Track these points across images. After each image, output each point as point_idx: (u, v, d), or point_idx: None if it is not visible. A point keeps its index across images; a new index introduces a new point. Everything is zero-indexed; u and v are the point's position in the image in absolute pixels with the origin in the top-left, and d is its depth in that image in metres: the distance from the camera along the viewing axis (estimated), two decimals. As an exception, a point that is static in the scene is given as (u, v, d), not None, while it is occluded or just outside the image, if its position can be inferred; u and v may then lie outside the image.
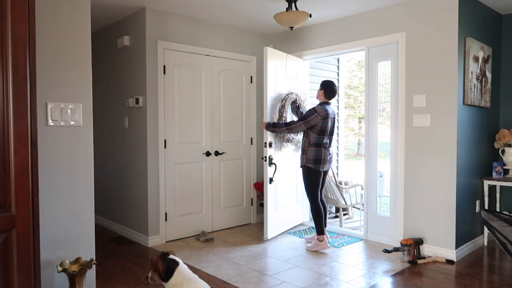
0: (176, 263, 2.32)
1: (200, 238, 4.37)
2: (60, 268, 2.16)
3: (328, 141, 4.06)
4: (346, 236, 4.50)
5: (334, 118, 4.10)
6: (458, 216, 3.70)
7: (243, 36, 4.99)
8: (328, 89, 4.06)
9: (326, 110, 3.98)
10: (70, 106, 2.26)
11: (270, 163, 4.25)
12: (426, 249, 3.82)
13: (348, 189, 5.22)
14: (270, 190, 4.30)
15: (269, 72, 4.25)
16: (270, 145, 4.25)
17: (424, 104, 3.82)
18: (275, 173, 4.32)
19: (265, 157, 4.22)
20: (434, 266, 3.57)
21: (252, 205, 5.17)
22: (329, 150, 4.08)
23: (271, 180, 4.27)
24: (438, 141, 3.74)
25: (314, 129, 3.98)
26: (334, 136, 4.41)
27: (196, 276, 2.31)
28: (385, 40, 4.11)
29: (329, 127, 4.01)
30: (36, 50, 1.52)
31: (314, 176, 4.04)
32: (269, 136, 4.23)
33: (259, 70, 5.15)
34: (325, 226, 4.27)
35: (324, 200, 4.26)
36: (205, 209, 4.68)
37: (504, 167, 4.13)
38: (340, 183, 5.34)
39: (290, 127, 4.05)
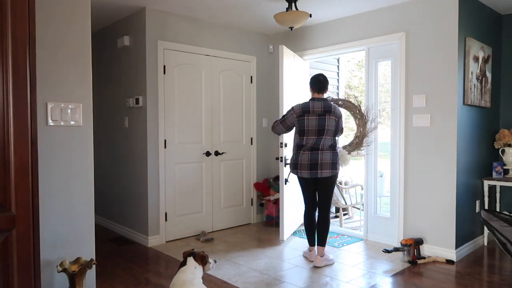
0: (183, 264, 2.35)
1: (200, 238, 4.37)
2: (60, 268, 2.16)
3: (313, 142, 3.49)
4: (346, 236, 4.50)
5: (322, 115, 3.49)
6: (458, 216, 3.70)
7: (243, 36, 4.99)
8: (312, 82, 3.63)
9: (303, 107, 3.53)
10: (70, 106, 2.26)
11: (286, 164, 4.19)
12: (426, 249, 3.82)
13: (348, 189, 5.22)
14: (286, 191, 4.26)
15: (285, 71, 4.22)
16: (286, 145, 4.22)
17: (424, 104, 3.82)
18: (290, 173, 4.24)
19: (281, 157, 4.18)
20: (434, 266, 3.57)
21: (252, 205, 5.17)
22: (309, 153, 3.49)
23: (286, 181, 4.22)
24: (438, 141, 3.74)
25: (295, 129, 3.62)
26: (336, 135, 3.68)
27: (195, 279, 2.29)
28: (385, 40, 4.11)
29: (308, 125, 3.49)
30: (36, 50, 1.52)
31: (299, 181, 3.72)
32: (285, 136, 4.15)
33: (259, 70, 5.15)
34: None
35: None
36: (205, 209, 4.68)
37: (504, 167, 4.13)
38: (340, 183, 5.34)
39: (272, 126, 3.79)
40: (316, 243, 3.67)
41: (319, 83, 3.61)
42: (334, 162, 3.55)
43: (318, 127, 3.50)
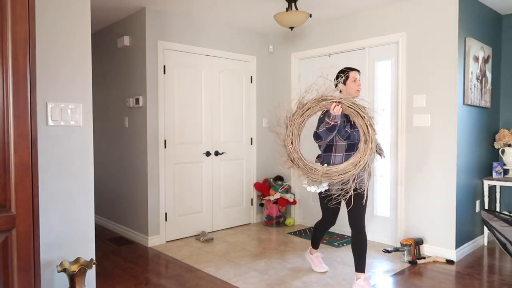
0: None
1: (200, 238, 4.37)
2: (60, 268, 2.16)
3: None
4: (346, 236, 4.50)
5: None
6: (458, 216, 3.70)
7: (243, 36, 4.99)
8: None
9: None
10: (70, 106, 2.26)
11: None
12: (426, 249, 3.82)
13: (348, 189, 5.21)
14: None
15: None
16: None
17: (424, 104, 3.82)
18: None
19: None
20: (434, 266, 3.57)
21: (252, 205, 5.17)
22: None
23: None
24: (438, 141, 3.74)
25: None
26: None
27: None
28: (385, 40, 4.11)
29: None
30: (36, 50, 1.52)
31: None
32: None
33: (259, 70, 5.15)
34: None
35: None
36: (205, 209, 4.68)
37: (504, 167, 4.13)
38: (340, 183, 5.33)
39: None
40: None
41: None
42: None
43: None
